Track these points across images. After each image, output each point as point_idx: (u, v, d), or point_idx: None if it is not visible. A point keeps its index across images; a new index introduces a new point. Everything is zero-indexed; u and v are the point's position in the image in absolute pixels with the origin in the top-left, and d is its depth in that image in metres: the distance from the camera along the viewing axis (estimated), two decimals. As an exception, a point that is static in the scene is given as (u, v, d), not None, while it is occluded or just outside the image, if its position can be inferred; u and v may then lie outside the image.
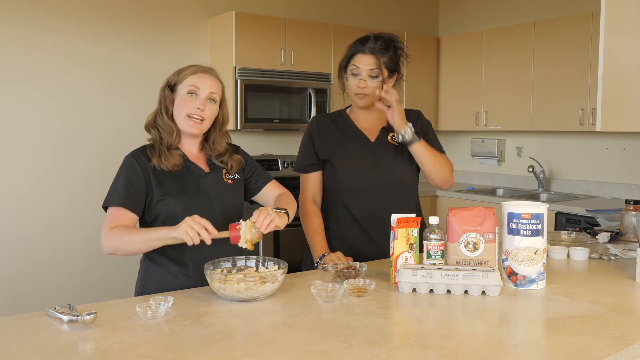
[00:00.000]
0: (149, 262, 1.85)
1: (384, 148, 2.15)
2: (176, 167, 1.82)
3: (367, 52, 2.07)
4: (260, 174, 2.02)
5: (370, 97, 2.10)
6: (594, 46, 3.93)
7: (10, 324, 1.38)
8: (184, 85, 1.83)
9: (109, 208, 1.80)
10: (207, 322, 1.39)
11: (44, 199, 3.71)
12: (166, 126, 1.84)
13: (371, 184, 2.12)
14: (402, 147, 2.14)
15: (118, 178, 1.83)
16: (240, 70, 4.05)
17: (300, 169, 2.21)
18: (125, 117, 3.95)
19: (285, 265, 1.65)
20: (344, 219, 2.15)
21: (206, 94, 1.82)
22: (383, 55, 2.07)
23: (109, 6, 3.88)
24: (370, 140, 2.17)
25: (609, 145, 4.33)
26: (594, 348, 1.22)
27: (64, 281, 3.77)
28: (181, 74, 1.85)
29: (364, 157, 2.14)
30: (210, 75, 1.86)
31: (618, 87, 2.17)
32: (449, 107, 5.09)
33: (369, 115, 2.19)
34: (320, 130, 2.19)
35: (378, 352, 1.19)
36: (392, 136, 2.15)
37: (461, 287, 1.61)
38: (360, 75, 2.07)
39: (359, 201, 2.13)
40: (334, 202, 2.17)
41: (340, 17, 4.88)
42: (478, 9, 5.25)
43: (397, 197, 2.13)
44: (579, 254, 2.08)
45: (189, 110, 1.81)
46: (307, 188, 2.19)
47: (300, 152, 2.23)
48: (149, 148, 1.86)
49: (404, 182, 2.16)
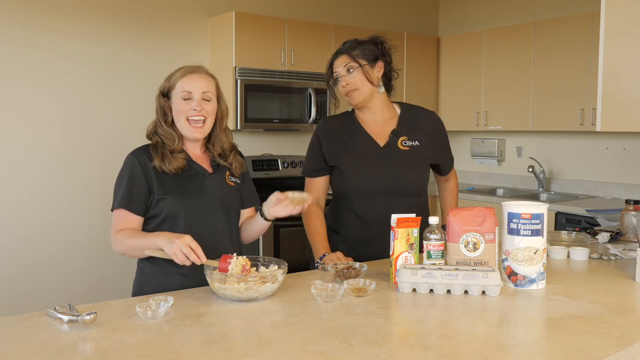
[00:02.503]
0: (146, 262, 1.85)
1: (393, 153, 2.12)
2: (179, 169, 1.82)
3: (339, 54, 2.11)
4: (252, 194, 2.01)
5: (359, 91, 2.08)
6: (594, 46, 3.93)
7: (10, 324, 1.38)
8: (176, 91, 1.82)
9: (114, 210, 1.83)
10: (207, 322, 1.39)
11: (44, 198, 3.71)
12: (168, 134, 1.83)
13: (379, 190, 2.10)
14: (415, 152, 2.13)
15: (121, 180, 1.83)
16: (240, 70, 4.05)
17: (307, 173, 2.21)
18: (125, 117, 3.95)
19: (285, 265, 1.65)
20: (352, 224, 2.14)
21: (199, 95, 1.81)
22: (354, 49, 2.09)
23: (109, 6, 3.87)
24: (379, 144, 2.14)
25: (609, 145, 4.33)
26: (594, 348, 1.22)
27: (64, 281, 3.77)
28: (171, 79, 1.85)
29: (372, 162, 2.11)
30: (199, 74, 1.84)
31: (618, 87, 2.17)
32: (449, 107, 5.09)
33: (373, 116, 2.17)
34: (328, 133, 2.18)
35: (378, 352, 1.19)
36: (403, 141, 2.13)
37: (461, 287, 1.61)
38: (340, 75, 2.09)
39: (367, 206, 2.11)
40: (343, 207, 2.16)
41: (340, 17, 4.88)
42: (478, 9, 5.25)
43: (406, 203, 2.09)
44: (579, 254, 2.08)
45: (187, 114, 1.81)
46: (311, 191, 2.17)
47: (308, 156, 2.22)
48: (151, 147, 1.85)
49: (412, 189, 2.14)
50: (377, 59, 2.11)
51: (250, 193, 2.01)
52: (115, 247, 1.80)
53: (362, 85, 2.08)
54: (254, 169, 4.33)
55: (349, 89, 2.09)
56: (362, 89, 2.08)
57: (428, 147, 2.16)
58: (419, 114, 2.21)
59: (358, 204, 2.12)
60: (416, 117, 2.20)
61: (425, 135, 2.17)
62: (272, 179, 4.38)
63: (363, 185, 2.10)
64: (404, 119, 2.18)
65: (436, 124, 2.22)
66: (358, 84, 2.08)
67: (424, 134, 2.17)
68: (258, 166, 4.38)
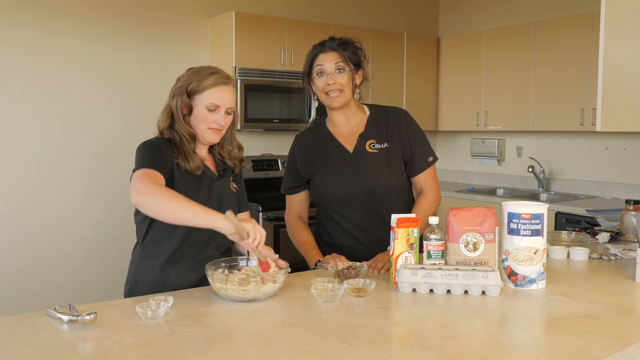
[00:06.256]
0: (142, 262, 1.83)
1: (363, 157, 2.09)
2: (198, 170, 1.79)
3: (328, 50, 2.05)
4: (243, 199, 2.00)
5: (343, 93, 2.05)
6: (594, 46, 3.93)
7: (10, 324, 1.38)
8: (203, 99, 1.77)
9: (137, 171, 1.67)
10: (207, 322, 1.39)
11: (45, 199, 3.71)
12: (188, 133, 1.79)
13: (353, 195, 2.08)
14: (384, 154, 2.09)
15: (147, 150, 1.73)
16: (240, 70, 4.05)
17: (285, 191, 2.24)
18: (125, 117, 3.95)
19: (286, 266, 1.65)
20: (335, 231, 2.14)
21: (225, 109, 1.80)
22: (344, 50, 2.05)
23: (109, 6, 3.87)
24: (348, 150, 2.11)
25: (609, 145, 4.33)
26: (594, 348, 1.22)
27: (64, 281, 3.77)
28: (201, 83, 1.77)
29: (342, 168, 2.09)
30: (228, 87, 1.81)
31: (618, 87, 2.17)
32: (449, 107, 5.09)
33: (345, 120, 2.13)
34: (301, 149, 2.19)
35: (378, 352, 1.19)
36: (371, 144, 2.10)
37: (461, 287, 1.61)
38: (327, 72, 2.04)
39: (346, 213, 2.10)
40: (324, 216, 2.17)
41: (340, 17, 4.88)
42: (478, 9, 5.25)
43: (384, 204, 2.06)
44: (579, 254, 2.08)
45: (210, 125, 1.79)
46: (292, 207, 2.22)
47: (285, 175, 2.24)
48: (166, 142, 1.79)
49: (387, 191, 2.08)
50: (359, 67, 2.09)
51: (243, 198, 2.01)
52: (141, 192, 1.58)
53: (347, 88, 2.05)
54: (254, 169, 4.33)
55: (334, 89, 2.04)
56: (347, 92, 2.06)
57: (397, 146, 2.11)
58: (386, 114, 2.15)
59: (337, 212, 2.12)
60: (384, 117, 2.14)
61: (393, 134, 2.11)
62: (272, 179, 4.38)
63: (337, 193, 2.10)
64: (372, 122, 2.14)
65: (404, 120, 2.13)
66: (344, 86, 2.05)
67: (392, 133, 2.11)
68: (258, 166, 4.37)
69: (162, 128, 1.82)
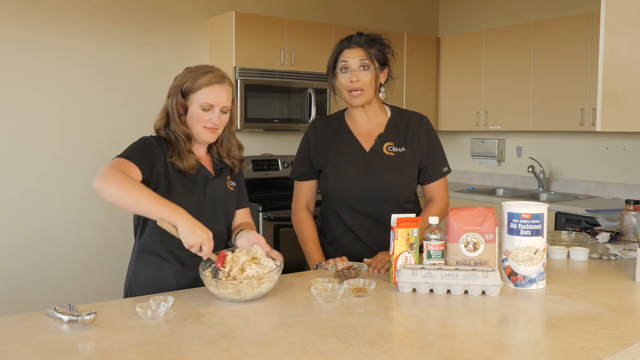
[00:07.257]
0: (140, 262, 1.83)
1: (378, 158, 2.07)
2: (192, 169, 1.79)
3: (354, 45, 2.01)
4: (242, 195, 1.99)
5: (365, 92, 2.01)
6: (594, 46, 3.93)
7: (10, 324, 1.38)
8: (198, 98, 1.77)
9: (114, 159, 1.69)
10: (207, 322, 1.39)
11: (45, 199, 3.71)
12: (183, 132, 1.79)
13: (362, 194, 2.05)
14: (401, 158, 2.06)
15: (132, 144, 1.76)
16: (240, 70, 4.05)
17: (295, 177, 2.19)
18: (125, 117, 3.95)
19: (279, 263, 1.64)
20: (338, 227, 2.12)
21: (220, 108, 1.79)
22: (371, 47, 2.01)
23: (109, 6, 3.87)
24: (364, 148, 2.09)
25: (609, 145, 4.33)
26: (594, 348, 1.22)
27: (64, 281, 3.77)
28: (195, 82, 1.77)
29: (356, 166, 2.06)
30: (223, 85, 1.80)
31: (618, 87, 2.17)
32: (449, 107, 5.09)
33: (365, 118, 2.10)
34: (316, 136, 2.15)
35: (378, 352, 1.19)
36: (388, 146, 2.07)
37: (461, 287, 1.61)
38: (351, 68, 2.00)
39: (351, 210, 2.08)
40: (329, 210, 2.14)
41: (340, 17, 4.88)
42: (478, 9, 5.25)
43: (390, 208, 2.01)
44: (579, 254, 2.08)
45: (205, 124, 1.79)
46: (300, 195, 2.17)
47: (296, 159, 2.19)
48: (161, 141, 1.80)
49: (396, 195, 2.06)
50: (384, 65, 2.05)
51: (243, 195, 2.00)
52: (102, 181, 1.57)
53: (369, 87, 2.01)
54: (254, 169, 4.33)
55: (357, 87, 2.00)
56: (369, 91, 2.02)
57: (415, 152, 2.08)
58: (407, 118, 2.13)
59: (343, 208, 2.09)
60: (405, 121, 2.11)
61: (413, 139, 2.09)
62: (272, 179, 4.38)
63: (346, 189, 2.07)
64: (392, 124, 2.11)
65: (425, 128, 2.11)
66: (367, 85, 2.01)
67: (411, 139, 2.09)
68: (258, 166, 4.37)
69: (157, 127, 1.83)
